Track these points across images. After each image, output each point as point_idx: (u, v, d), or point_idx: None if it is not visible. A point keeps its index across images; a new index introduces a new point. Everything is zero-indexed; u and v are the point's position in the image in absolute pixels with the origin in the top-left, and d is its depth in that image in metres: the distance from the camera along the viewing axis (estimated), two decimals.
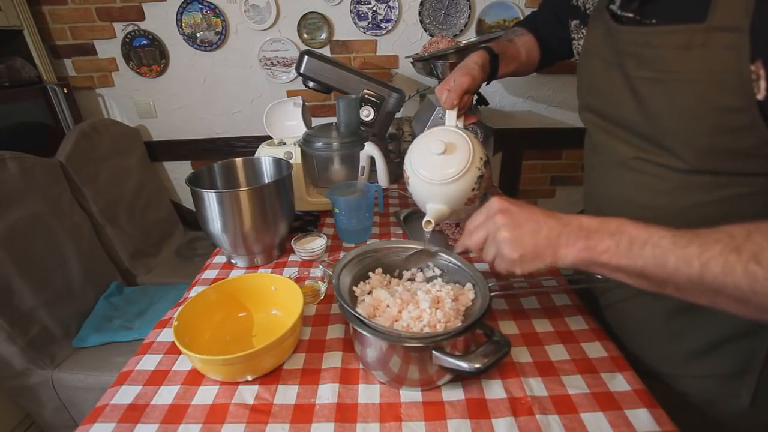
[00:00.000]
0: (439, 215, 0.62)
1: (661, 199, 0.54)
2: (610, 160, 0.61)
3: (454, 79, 0.67)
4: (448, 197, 0.62)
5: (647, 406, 0.52)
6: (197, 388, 0.58)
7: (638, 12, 0.51)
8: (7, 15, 1.42)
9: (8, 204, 1.12)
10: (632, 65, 0.52)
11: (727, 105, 0.43)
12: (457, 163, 0.60)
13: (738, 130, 0.44)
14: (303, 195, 1.07)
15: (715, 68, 0.43)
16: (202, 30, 1.59)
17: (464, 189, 0.61)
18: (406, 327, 0.55)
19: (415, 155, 0.64)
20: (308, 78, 1.18)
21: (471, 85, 0.67)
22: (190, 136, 1.79)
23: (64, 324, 1.18)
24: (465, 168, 0.60)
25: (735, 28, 0.41)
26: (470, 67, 0.69)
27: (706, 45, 0.43)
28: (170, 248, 1.72)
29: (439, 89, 0.69)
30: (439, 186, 0.61)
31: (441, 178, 0.60)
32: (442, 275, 0.67)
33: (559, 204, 1.94)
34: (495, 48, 0.75)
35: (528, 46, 0.81)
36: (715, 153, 0.47)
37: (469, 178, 0.60)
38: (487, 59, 0.72)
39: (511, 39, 0.81)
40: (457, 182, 0.60)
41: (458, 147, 0.61)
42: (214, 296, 0.67)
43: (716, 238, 0.39)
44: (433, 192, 0.62)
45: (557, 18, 0.77)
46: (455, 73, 0.69)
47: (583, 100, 0.66)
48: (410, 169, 0.64)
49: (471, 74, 0.68)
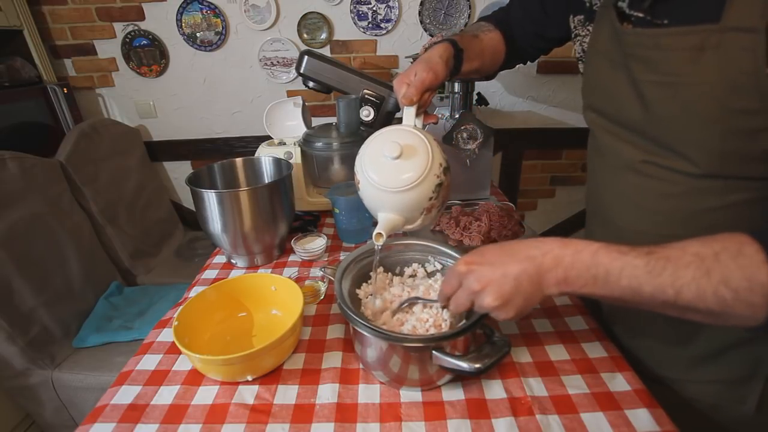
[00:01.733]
0: (391, 226, 0.57)
1: (667, 204, 0.53)
2: (615, 162, 0.59)
3: (416, 72, 0.60)
4: (402, 206, 0.56)
5: (647, 406, 0.52)
6: (197, 388, 0.58)
7: (649, 12, 0.49)
8: (7, 15, 1.42)
9: (8, 204, 1.12)
10: (639, 69, 0.50)
11: (741, 107, 0.42)
12: (413, 169, 0.54)
13: (752, 133, 0.43)
14: (303, 195, 1.07)
15: (730, 70, 0.42)
16: (202, 30, 1.59)
17: (421, 198, 0.55)
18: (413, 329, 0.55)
19: (367, 158, 0.57)
20: (308, 78, 1.18)
21: (433, 82, 0.61)
22: (190, 136, 1.79)
23: (64, 324, 1.18)
24: (422, 175, 0.54)
25: (751, 28, 0.40)
26: (434, 62, 0.62)
27: (720, 46, 0.42)
28: (170, 248, 1.72)
29: (397, 82, 0.62)
30: (392, 194, 0.55)
31: (395, 186, 0.54)
32: (442, 270, 0.66)
33: (559, 204, 1.94)
34: (460, 42, 0.67)
35: (494, 44, 0.75)
36: (727, 156, 0.46)
37: (427, 186, 0.55)
38: (451, 54, 0.65)
39: (476, 34, 0.74)
40: (412, 190, 0.54)
41: (415, 150, 0.55)
42: (214, 296, 0.67)
43: (687, 262, 0.39)
44: (385, 200, 0.56)
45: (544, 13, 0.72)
46: (417, 65, 0.62)
47: (588, 100, 0.64)
48: (361, 173, 0.57)
49: (434, 70, 0.60)
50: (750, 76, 0.41)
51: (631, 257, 0.42)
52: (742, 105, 0.42)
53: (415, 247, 0.70)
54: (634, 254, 0.42)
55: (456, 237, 0.87)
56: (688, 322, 0.57)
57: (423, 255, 0.69)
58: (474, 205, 1.01)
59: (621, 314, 0.68)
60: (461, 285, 0.49)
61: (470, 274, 0.47)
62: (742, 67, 0.41)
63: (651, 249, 0.42)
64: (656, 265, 0.40)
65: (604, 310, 0.72)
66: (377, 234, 0.56)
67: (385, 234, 0.56)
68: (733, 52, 0.42)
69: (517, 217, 0.92)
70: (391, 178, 0.54)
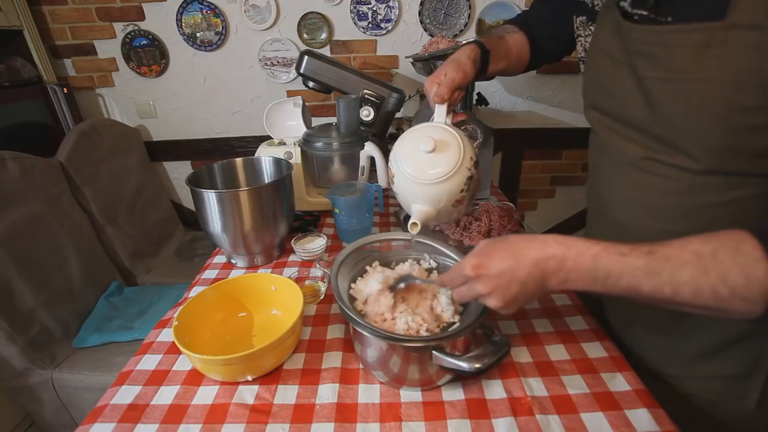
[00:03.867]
0: (425, 217, 0.59)
1: (669, 200, 0.54)
2: (617, 160, 0.59)
3: (446, 72, 0.63)
4: (435, 198, 0.58)
5: (647, 406, 0.52)
6: (197, 388, 0.58)
7: (653, 10, 0.50)
8: (7, 15, 1.42)
9: (8, 204, 1.12)
10: (644, 65, 0.51)
11: (745, 104, 0.43)
12: (446, 163, 0.57)
13: (753, 130, 0.43)
14: (303, 195, 1.07)
15: (735, 67, 0.42)
16: (202, 30, 1.59)
17: (453, 190, 0.58)
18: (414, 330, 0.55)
19: (402, 152, 0.60)
20: (308, 78, 1.18)
21: (463, 81, 0.64)
22: (190, 136, 1.79)
23: (64, 324, 1.18)
24: (455, 168, 0.56)
25: (757, 25, 0.40)
26: (462, 62, 0.65)
27: (725, 43, 0.42)
28: (170, 248, 1.72)
29: (428, 82, 0.65)
30: (426, 186, 0.57)
31: (429, 178, 0.57)
32: (437, 268, 0.67)
33: (559, 204, 1.94)
34: (486, 44, 0.71)
35: (519, 45, 0.78)
36: (730, 153, 0.46)
37: (459, 179, 0.57)
38: (478, 54, 0.68)
39: (502, 36, 0.77)
40: (446, 182, 0.57)
41: (448, 145, 0.58)
42: (214, 296, 0.67)
43: (685, 260, 0.40)
44: (419, 192, 0.58)
45: (555, 16, 0.75)
46: (447, 66, 0.65)
47: (590, 98, 0.64)
48: (396, 167, 0.60)
49: (463, 70, 0.64)
50: (754, 73, 0.41)
51: (632, 258, 0.42)
52: (746, 102, 0.42)
53: (414, 246, 0.70)
54: (634, 255, 0.42)
55: (456, 237, 0.87)
56: (689, 319, 0.58)
57: (420, 254, 0.69)
58: (474, 205, 1.01)
59: (621, 312, 0.68)
60: (466, 284, 0.50)
61: (478, 280, 0.48)
62: (746, 64, 0.41)
63: (651, 248, 0.42)
64: (656, 265, 0.41)
65: (606, 309, 0.72)
66: (413, 224, 0.59)
67: (420, 224, 0.59)
68: (738, 49, 0.42)
69: (517, 217, 0.92)
70: (426, 170, 0.57)
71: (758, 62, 0.40)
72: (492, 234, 0.88)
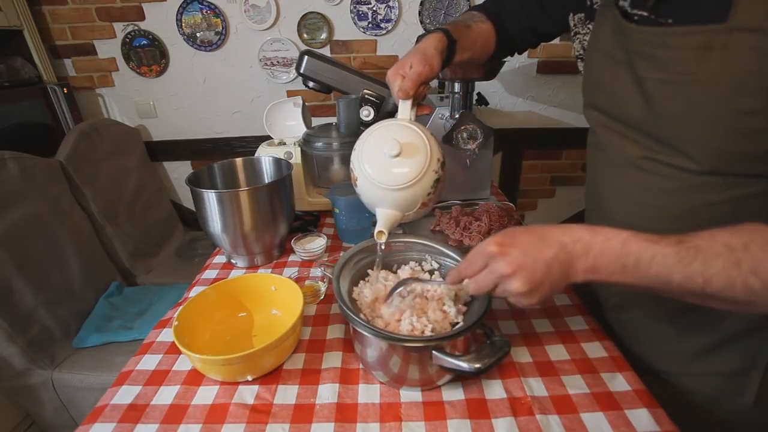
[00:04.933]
0: (392, 222, 0.57)
1: (667, 199, 0.54)
2: (615, 159, 0.60)
3: (411, 64, 0.59)
4: (401, 202, 0.56)
5: (647, 406, 0.52)
6: (197, 388, 0.58)
7: (653, 11, 0.50)
8: (7, 15, 1.42)
9: (8, 204, 1.12)
10: (644, 66, 0.51)
11: (744, 107, 0.43)
12: (412, 167, 0.54)
13: (753, 133, 0.43)
14: (303, 195, 1.07)
15: (736, 70, 0.42)
16: (202, 30, 1.59)
17: (419, 194, 0.55)
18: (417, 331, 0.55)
19: (365, 155, 0.57)
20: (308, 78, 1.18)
21: (429, 76, 0.60)
22: (190, 136, 1.79)
23: (64, 324, 1.18)
24: (422, 172, 0.54)
25: (758, 29, 0.40)
26: (429, 54, 0.61)
27: (726, 46, 0.42)
28: (170, 248, 1.72)
29: (392, 73, 0.61)
30: (393, 191, 0.55)
31: (396, 183, 0.54)
32: (440, 269, 0.67)
33: (559, 204, 1.94)
34: (453, 32, 0.67)
35: (485, 35, 0.74)
36: (727, 155, 0.46)
37: (426, 183, 0.55)
38: (445, 45, 0.64)
39: (468, 25, 0.73)
40: (413, 187, 0.54)
41: (415, 148, 0.55)
42: (214, 296, 0.67)
43: (716, 251, 0.40)
44: (385, 196, 0.56)
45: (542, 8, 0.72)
46: (412, 57, 0.60)
47: (589, 97, 0.64)
48: (358, 170, 0.57)
49: (430, 63, 0.60)
50: (755, 75, 0.41)
51: (662, 246, 0.42)
52: (746, 105, 0.42)
53: (414, 247, 0.70)
54: (664, 243, 0.42)
55: (456, 237, 0.87)
56: (687, 317, 0.58)
57: (420, 254, 0.69)
58: (474, 205, 1.01)
59: (620, 310, 0.68)
60: (487, 266, 0.47)
61: (502, 257, 0.45)
62: (748, 67, 0.41)
63: (681, 238, 0.42)
64: (687, 254, 0.40)
65: (604, 308, 0.72)
66: (379, 232, 0.57)
67: (386, 231, 0.56)
68: (739, 52, 0.42)
69: (517, 217, 0.92)
70: (392, 176, 0.54)
71: (759, 65, 0.41)
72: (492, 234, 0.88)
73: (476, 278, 0.48)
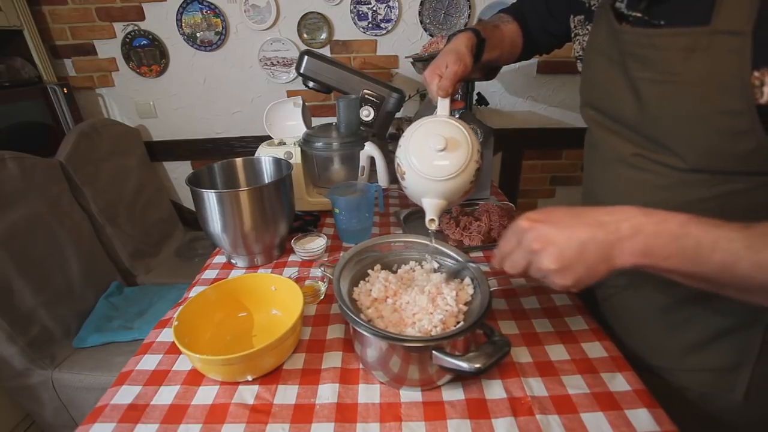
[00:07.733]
0: (440, 209, 0.61)
1: (658, 195, 0.55)
2: (609, 156, 0.61)
3: (446, 64, 0.63)
4: (447, 192, 0.60)
5: (647, 406, 0.52)
6: (197, 388, 0.58)
7: (647, 12, 0.51)
8: (7, 15, 1.42)
9: (8, 204, 1.12)
10: (636, 66, 0.52)
11: (727, 108, 0.44)
12: (457, 159, 0.58)
13: (737, 134, 0.44)
14: (303, 195, 1.07)
15: (718, 71, 0.43)
16: (202, 30, 1.59)
17: (464, 183, 0.59)
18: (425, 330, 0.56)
19: (412, 150, 0.61)
20: (308, 78, 1.18)
21: (464, 73, 0.63)
22: (190, 136, 1.79)
23: (64, 324, 1.18)
24: (465, 163, 0.58)
25: (738, 31, 0.41)
26: (462, 53, 0.64)
27: (709, 48, 0.43)
28: (170, 248, 1.72)
29: (429, 73, 0.64)
30: (439, 182, 0.59)
31: (442, 175, 0.58)
32: (440, 269, 0.67)
33: (559, 204, 1.91)
34: (482, 32, 0.70)
35: (513, 34, 0.79)
36: (712, 154, 0.47)
37: (469, 173, 0.59)
38: (475, 43, 0.67)
39: (497, 25, 0.77)
40: (458, 177, 0.58)
41: (457, 142, 0.59)
42: (214, 296, 0.67)
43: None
44: (432, 188, 0.60)
45: (548, 11, 0.75)
46: (446, 57, 0.64)
47: (585, 96, 0.66)
48: (406, 165, 0.61)
49: (464, 61, 0.63)
50: (736, 77, 0.42)
51: (727, 230, 0.38)
52: (729, 106, 0.43)
53: (414, 247, 0.70)
54: (729, 227, 0.38)
55: (456, 237, 0.87)
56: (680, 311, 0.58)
57: (420, 254, 0.69)
58: (474, 205, 1.01)
59: (615, 303, 0.69)
60: (520, 243, 0.46)
61: (531, 231, 0.44)
62: (729, 69, 0.42)
63: (745, 225, 0.38)
64: (756, 240, 0.36)
65: (600, 303, 0.72)
66: (431, 220, 0.61)
67: (437, 219, 0.61)
68: (721, 54, 0.43)
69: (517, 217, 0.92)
70: (438, 168, 0.58)
71: (739, 67, 0.42)
72: (492, 234, 0.88)
73: (510, 258, 0.47)
